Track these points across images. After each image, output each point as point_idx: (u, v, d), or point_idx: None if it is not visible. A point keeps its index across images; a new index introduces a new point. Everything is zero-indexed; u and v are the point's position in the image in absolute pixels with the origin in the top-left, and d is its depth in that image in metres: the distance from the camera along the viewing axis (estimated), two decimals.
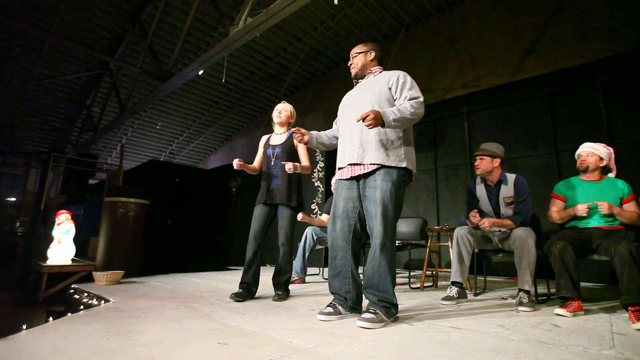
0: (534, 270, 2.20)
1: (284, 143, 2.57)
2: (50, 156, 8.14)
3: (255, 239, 2.48)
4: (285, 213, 2.50)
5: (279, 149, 2.56)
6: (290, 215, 2.51)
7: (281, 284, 2.50)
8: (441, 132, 5.20)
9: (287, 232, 2.49)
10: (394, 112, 1.72)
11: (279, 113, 2.64)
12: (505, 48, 5.13)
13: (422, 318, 1.85)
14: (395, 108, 1.75)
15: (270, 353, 1.26)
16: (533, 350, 1.30)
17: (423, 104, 1.82)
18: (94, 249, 5.74)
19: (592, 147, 2.37)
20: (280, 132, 2.66)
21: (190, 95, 8.59)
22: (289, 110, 2.66)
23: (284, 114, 2.64)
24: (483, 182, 2.57)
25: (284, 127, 2.66)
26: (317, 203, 5.66)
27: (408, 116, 1.74)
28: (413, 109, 1.75)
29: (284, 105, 2.67)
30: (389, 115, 1.71)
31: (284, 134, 2.64)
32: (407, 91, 1.83)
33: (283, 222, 2.50)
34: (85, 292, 2.69)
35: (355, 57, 2.04)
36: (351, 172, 1.88)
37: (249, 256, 2.46)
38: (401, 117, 1.73)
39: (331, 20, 6.25)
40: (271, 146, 2.61)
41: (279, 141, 2.61)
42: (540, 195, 3.53)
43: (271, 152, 2.59)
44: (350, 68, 2.07)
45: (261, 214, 2.52)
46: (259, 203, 2.55)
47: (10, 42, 6.49)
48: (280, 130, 2.66)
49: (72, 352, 1.30)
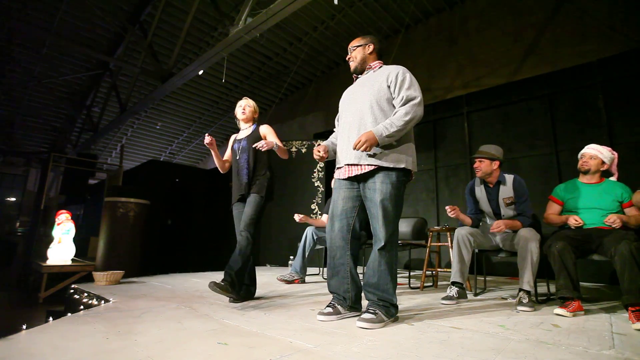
0: (536, 271, 2.20)
1: (250, 135, 2.51)
2: (50, 156, 8.14)
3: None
4: (251, 198, 2.35)
5: (245, 141, 2.50)
6: (256, 199, 2.33)
7: (228, 273, 2.15)
8: (441, 132, 5.19)
9: (251, 216, 2.28)
10: (386, 128, 1.72)
11: (242, 110, 2.58)
12: (505, 48, 5.12)
13: (422, 318, 1.85)
14: (388, 122, 1.74)
15: (270, 353, 1.26)
16: (533, 350, 1.30)
17: (421, 104, 1.79)
18: (94, 249, 5.73)
19: (597, 150, 2.36)
20: (245, 127, 2.61)
21: (190, 95, 8.58)
22: (252, 105, 2.62)
23: (248, 110, 2.59)
24: (483, 183, 2.57)
25: (248, 122, 2.61)
26: (317, 203, 5.66)
27: (402, 126, 1.73)
28: (407, 117, 1.74)
29: (246, 101, 2.62)
30: (381, 132, 1.72)
31: (249, 127, 2.59)
32: (405, 91, 1.79)
33: (247, 207, 2.34)
34: (85, 292, 2.69)
35: (354, 50, 2.01)
36: (348, 172, 1.87)
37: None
38: (394, 131, 1.72)
39: (331, 20, 6.25)
40: (237, 141, 2.57)
41: (244, 135, 2.56)
42: (540, 195, 3.53)
43: (237, 146, 2.53)
44: (349, 62, 2.03)
45: (239, 214, 2.46)
46: (235, 202, 2.48)
47: (10, 42, 6.49)
48: (245, 125, 2.61)
49: (72, 352, 1.30)
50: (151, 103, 7.44)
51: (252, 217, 2.30)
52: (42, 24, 6.06)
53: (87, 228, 8.03)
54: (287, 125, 8.43)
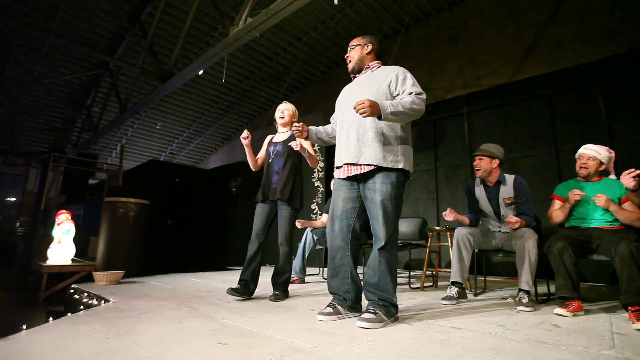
0: (535, 270, 2.20)
1: (286, 140, 2.56)
2: (50, 156, 8.14)
3: (258, 237, 2.48)
4: (284, 212, 2.49)
5: (280, 145, 2.56)
6: (290, 214, 2.48)
7: (279, 283, 2.49)
8: (441, 132, 5.19)
9: (286, 232, 2.47)
10: (393, 105, 1.69)
11: (281, 113, 2.63)
12: (505, 48, 5.12)
13: (422, 318, 1.85)
14: (395, 101, 1.72)
15: (270, 353, 1.26)
16: (533, 350, 1.30)
17: (425, 101, 1.80)
18: (94, 249, 5.73)
19: (594, 151, 2.33)
20: (283, 132, 2.66)
21: (190, 95, 8.59)
22: (291, 109, 2.66)
23: (287, 114, 2.63)
24: (482, 182, 2.57)
25: (286, 127, 2.65)
26: (317, 203, 5.66)
27: (407, 110, 1.71)
28: (414, 104, 1.73)
29: (286, 105, 2.66)
30: (386, 107, 1.67)
31: (287, 132, 2.64)
32: (411, 87, 1.80)
33: (282, 221, 2.49)
34: (85, 292, 2.69)
35: (352, 50, 2.00)
36: (347, 171, 1.87)
37: (250, 254, 2.46)
38: (399, 111, 1.69)
39: (331, 20, 6.26)
40: (273, 144, 2.62)
41: (280, 139, 2.61)
42: (540, 195, 3.53)
43: (272, 149, 2.59)
44: (347, 61, 2.04)
45: (262, 212, 2.53)
46: (259, 201, 2.55)
47: (10, 42, 6.49)
48: (283, 129, 2.66)
49: (72, 352, 1.30)
50: (151, 103, 7.44)
51: (289, 231, 2.48)
52: (42, 24, 6.06)
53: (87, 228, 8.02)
54: None
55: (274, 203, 2.55)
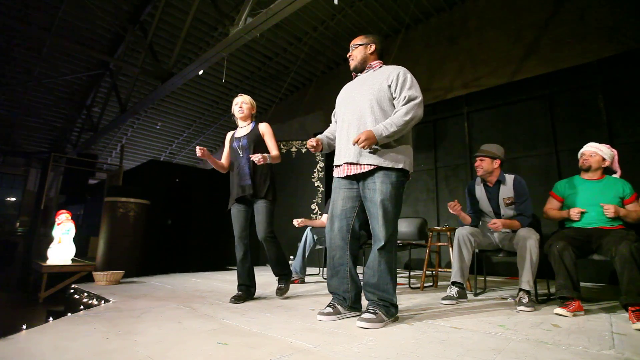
0: (536, 270, 2.20)
1: (249, 133, 2.50)
2: (50, 156, 8.13)
3: (242, 239, 2.46)
4: (260, 207, 2.43)
5: (245, 139, 2.49)
6: (266, 207, 2.43)
7: (282, 274, 2.51)
8: (441, 132, 5.19)
9: (266, 225, 2.41)
10: (386, 127, 1.73)
11: (240, 107, 2.56)
12: (505, 48, 5.12)
13: (422, 318, 1.85)
14: (388, 122, 1.75)
15: (270, 353, 1.26)
16: (533, 350, 1.30)
17: (421, 105, 1.80)
18: (94, 249, 5.73)
19: (596, 147, 2.38)
20: (244, 125, 2.60)
21: (190, 95, 8.59)
22: (249, 102, 2.59)
23: (246, 107, 2.57)
24: (482, 182, 2.58)
25: (247, 120, 2.60)
26: (317, 203, 5.65)
27: (402, 126, 1.74)
28: (407, 116, 1.75)
29: (243, 98, 2.59)
30: (381, 132, 1.72)
31: (248, 125, 2.58)
32: (407, 91, 1.80)
33: (260, 216, 2.42)
34: (85, 292, 2.69)
35: (355, 49, 2.00)
36: (347, 170, 1.87)
37: (240, 257, 2.45)
38: (394, 131, 1.73)
39: (331, 20, 6.25)
40: (236, 139, 2.55)
41: (243, 133, 2.55)
42: (540, 195, 3.52)
43: (237, 145, 2.51)
44: (349, 60, 2.03)
45: (238, 214, 2.49)
46: (233, 202, 2.49)
47: (10, 42, 6.49)
48: (244, 123, 2.60)
49: (72, 352, 1.30)
50: (151, 103, 7.44)
51: (268, 222, 2.42)
52: (42, 24, 6.06)
53: (87, 228, 8.03)
54: (287, 125, 8.43)
55: (249, 202, 2.50)
